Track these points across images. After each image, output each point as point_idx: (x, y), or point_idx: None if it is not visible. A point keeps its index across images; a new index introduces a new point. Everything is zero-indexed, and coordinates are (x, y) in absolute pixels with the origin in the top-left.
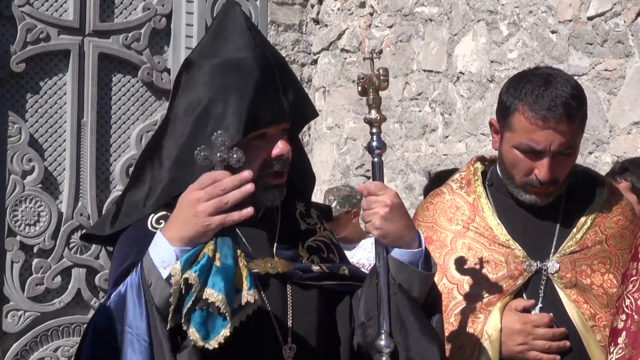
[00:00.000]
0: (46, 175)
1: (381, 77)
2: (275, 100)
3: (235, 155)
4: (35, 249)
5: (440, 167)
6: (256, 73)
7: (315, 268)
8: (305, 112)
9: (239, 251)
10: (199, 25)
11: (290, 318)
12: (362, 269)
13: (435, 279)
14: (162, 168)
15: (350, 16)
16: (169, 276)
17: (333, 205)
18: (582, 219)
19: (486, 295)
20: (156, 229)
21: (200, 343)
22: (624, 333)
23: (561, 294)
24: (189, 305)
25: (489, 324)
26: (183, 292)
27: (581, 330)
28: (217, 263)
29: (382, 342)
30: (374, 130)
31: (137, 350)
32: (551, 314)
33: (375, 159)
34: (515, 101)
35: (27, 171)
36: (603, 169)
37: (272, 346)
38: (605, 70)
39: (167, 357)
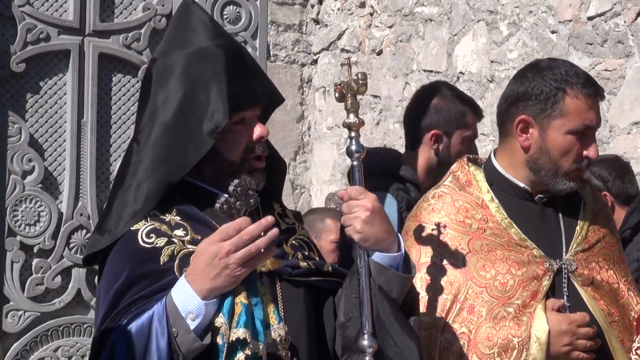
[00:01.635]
0: (46, 175)
1: (360, 82)
2: (250, 83)
3: (252, 201)
4: (35, 249)
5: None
6: (229, 60)
7: (303, 264)
8: (276, 97)
9: (262, 287)
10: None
11: (282, 312)
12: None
13: (460, 281)
14: (146, 168)
15: (350, 16)
16: (196, 328)
17: None
18: (582, 218)
19: (518, 297)
20: (148, 243)
21: None
22: None
23: (581, 291)
24: (242, 358)
25: (537, 327)
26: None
27: (604, 326)
28: (252, 309)
29: (365, 342)
30: (353, 134)
31: None
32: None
33: (355, 163)
34: (562, 86)
35: (27, 171)
36: None
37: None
38: (605, 70)
39: None
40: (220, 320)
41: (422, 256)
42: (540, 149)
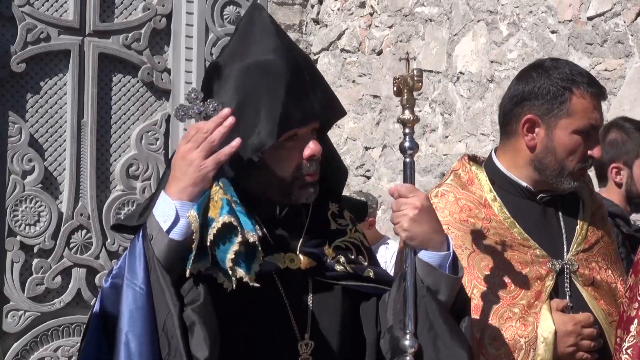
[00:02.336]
0: (46, 175)
1: (415, 78)
2: (306, 100)
3: (211, 105)
4: (35, 249)
5: (440, 167)
6: (286, 74)
7: (339, 268)
8: (335, 111)
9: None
10: (199, 25)
11: (310, 314)
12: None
13: (463, 281)
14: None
15: (350, 16)
16: (169, 228)
17: None
18: (581, 218)
19: (522, 297)
20: None
21: (246, 278)
22: (636, 321)
23: (583, 291)
24: (235, 249)
25: (543, 327)
26: (212, 238)
27: (605, 326)
28: (234, 205)
29: (407, 342)
30: (407, 130)
31: (132, 296)
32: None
33: (407, 159)
34: (569, 85)
35: (27, 171)
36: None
37: (288, 341)
38: (605, 70)
39: (170, 303)
40: (192, 214)
41: None
42: (546, 149)
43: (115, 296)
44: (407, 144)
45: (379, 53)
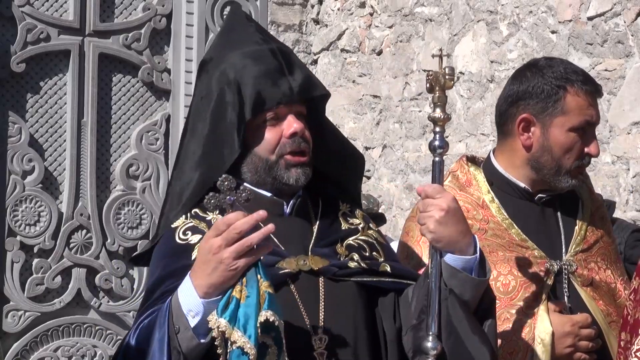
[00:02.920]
0: (46, 175)
1: (447, 76)
2: (280, 81)
3: (243, 194)
4: (35, 249)
5: None
6: (260, 60)
7: (352, 264)
8: (314, 91)
9: (261, 279)
10: (199, 25)
11: (322, 310)
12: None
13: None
14: (188, 170)
15: (350, 16)
16: (196, 326)
17: None
18: (580, 218)
19: (520, 298)
20: (182, 240)
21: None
22: None
23: (581, 292)
24: (230, 349)
25: (540, 328)
26: (219, 341)
27: (603, 327)
28: (242, 300)
29: (429, 344)
30: (437, 129)
31: None
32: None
33: (437, 159)
34: (563, 84)
35: (27, 171)
36: (603, 169)
37: (302, 336)
38: (605, 70)
39: None
40: (211, 316)
41: (424, 256)
42: (543, 147)
43: None
44: (437, 143)
45: (379, 53)
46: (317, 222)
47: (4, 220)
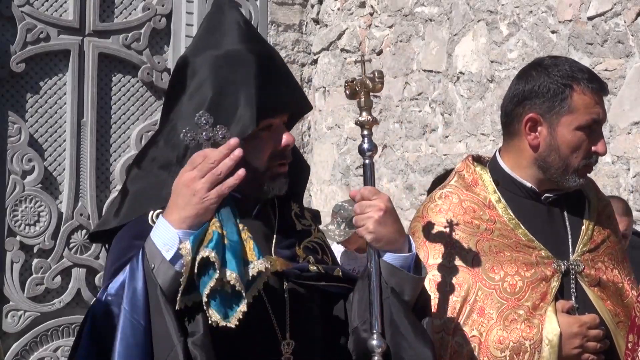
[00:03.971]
0: (46, 175)
1: (376, 80)
2: (278, 90)
3: (220, 132)
4: (35, 249)
5: (440, 167)
6: (259, 65)
7: (313, 268)
8: (304, 104)
9: (240, 224)
10: (199, 25)
11: (289, 315)
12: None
13: (469, 283)
14: (168, 161)
15: (350, 16)
16: (172, 258)
17: (342, 227)
18: (587, 217)
19: (527, 299)
20: (155, 222)
21: (222, 323)
22: None
23: (589, 292)
24: (212, 285)
25: (548, 329)
26: (196, 271)
27: (611, 327)
28: (225, 241)
29: (375, 342)
30: (365, 132)
31: (131, 331)
32: (594, 314)
33: (367, 161)
34: (569, 82)
35: (27, 171)
36: (603, 169)
37: (271, 341)
38: (605, 70)
39: (175, 338)
40: (186, 246)
41: (430, 257)
42: (550, 147)
43: (111, 326)
44: (365, 146)
45: (379, 53)
46: (277, 224)
47: (4, 220)
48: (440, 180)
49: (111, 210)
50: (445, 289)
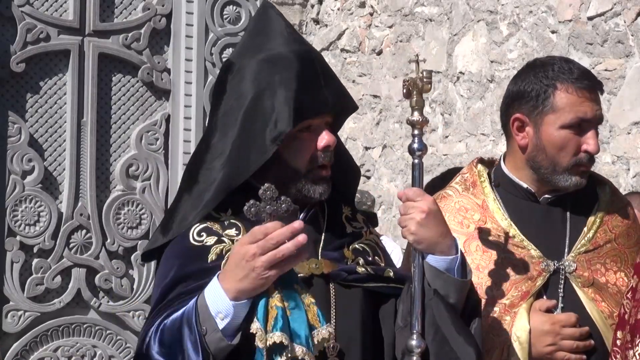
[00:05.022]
0: (46, 175)
1: (424, 80)
2: (319, 91)
3: (283, 206)
4: (35, 249)
5: (440, 167)
6: (299, 66)
7: (361, 269)
8: (347, 104)
9: (301, 290)
10: (199, 25)
11: (334, 317)
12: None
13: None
14: (213, 169)
15: (350, 16)
16: (225, 328)
17: None
18: (591, 218)
19: (508, 297)
20: (198, 242)
21: None
22: None
23: (580, 293)
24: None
25: (517, 326)
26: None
27: (602, 328)
28: (288, 313)
29: (414, 342)
30: (416, 132)
31: None
32: (576, 314)
33: (416, 161)
34: (552, 82)
35: (27, 171)
36: (603, 169)
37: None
38: (605, 70)
39: None
40: (255, 326)
41: None
42: (537, 147)
43: None
44: (415, 145)
45: (379, 53)
46: (325, 226)
47: (4, 220)
48: (435, 182)
49: (159, 227)
50: None
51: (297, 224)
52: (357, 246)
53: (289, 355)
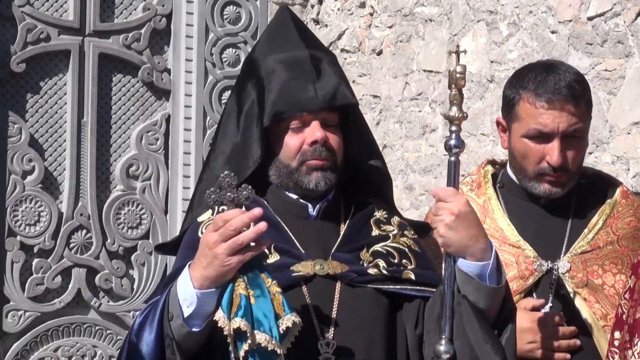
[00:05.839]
0: (46, 175)
1: (457, 75)
2: (307, 89)
3: (244, 192)
4: (35, 249)
5: (440, 167)
6: (293, 67)
7: (373, 271)
8: (338, 100)
9: (267, 279)
10: (199, 25)
11: (335, 316)
12: None
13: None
14: (217, 165)
15: (350, 16)
16: (190, 315)
17: None
18: (594, 219)
19: None
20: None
21: None
22: None
23: (572, 293)
24: (246, 348)
25: None
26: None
27: (592, 329)
28: (252, 300)
29: (442, 348)
30: (453, 127)
31: None
32: (561, 313)
33: (452, 158)
34: (519, 91)
35: (27, 171)
36: (603, 169)
37: (308, 340)
38: (605, 70)
39: None
40: (219, 314)
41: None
42: (510, 151)
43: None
44: (453, 142)
45: (379, 53)
46: (345, 227)
47: (4, 220)
48: None
49: (183, 222)
50: None
51: (257, 211)
52: (379, 249)
53: (250, 342)
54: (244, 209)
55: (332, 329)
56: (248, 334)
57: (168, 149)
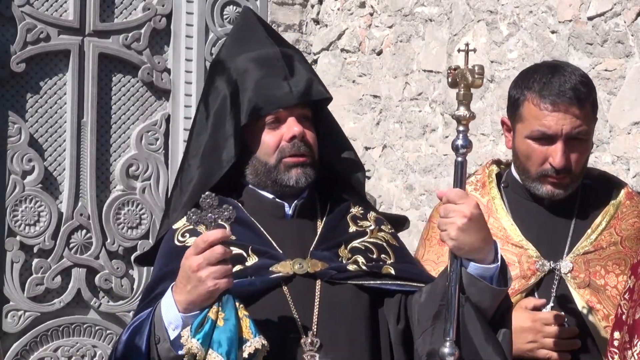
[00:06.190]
0: (46, 175)
1: (476, 75)
2: (281, 86)
3: (225, 213)
4: (35, 249)
5: (440, 167)
6: (265, 65)
7: (352, 267)
8: (313, 95)
9: (237, 303)
10: (199, 25)
11: (317, 313)
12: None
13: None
14: (190, 168)
15: (350, 16)
16: (175, 339)
17: None
18: (597, 220)
19: None
20: (180, 242)
21: None
22: None
23: (574, 293)
24: None
25: None
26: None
27: (594, 329)
28: (220, 323)
29: (447, 350)
30: (461, 128)
31: None
32: (562, 313)
33: (459, 159)
34: (524, 92)
35: (27, 171)
36: (603, 169)
37: (291, 338)
38: (605, 70)
39: None
40: (186, 332)
41: (430, 254)
42: (514, 152)
43: None
44: (460, 142)
45: (379, 53)
46: (322, 224)
47: (4, 220)
48: None
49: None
50: None
51: (226, 231)
52: (357, 245)
53: None
54: (227, 228)
55: (315, 327)
56: (198, 357)
57: (168, 149)
